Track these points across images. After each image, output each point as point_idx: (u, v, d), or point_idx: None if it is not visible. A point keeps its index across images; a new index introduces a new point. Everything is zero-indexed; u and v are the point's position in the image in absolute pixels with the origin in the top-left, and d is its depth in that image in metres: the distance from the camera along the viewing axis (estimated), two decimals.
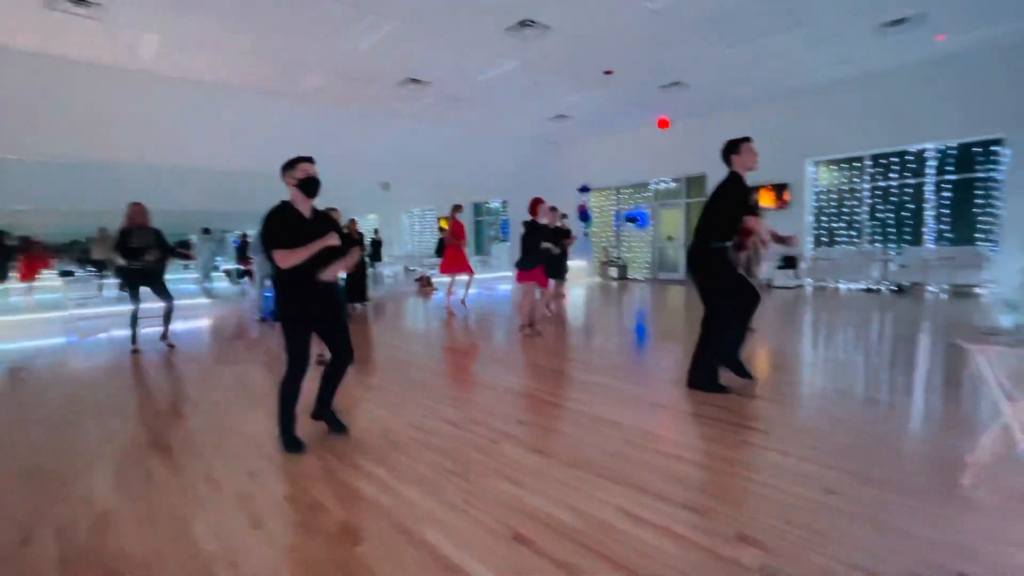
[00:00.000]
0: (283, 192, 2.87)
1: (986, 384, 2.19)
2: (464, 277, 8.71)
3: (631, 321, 7.55)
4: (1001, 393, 2.18)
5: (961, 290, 8.44)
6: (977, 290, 8.30)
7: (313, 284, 2.80)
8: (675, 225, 13.10)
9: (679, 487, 2.33)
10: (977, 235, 8.61)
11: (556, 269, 6.72)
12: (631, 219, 13.95)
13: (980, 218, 8.58)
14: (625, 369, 4.73)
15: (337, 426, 3.11)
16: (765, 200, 10.39)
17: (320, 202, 3.00)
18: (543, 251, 5.99)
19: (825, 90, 9.66)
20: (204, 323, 7.97)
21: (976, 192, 8.62)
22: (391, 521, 2.13)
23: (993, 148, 8.33)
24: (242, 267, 13.69)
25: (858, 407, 3.38)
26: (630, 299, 9.94)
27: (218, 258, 15.03)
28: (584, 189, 14.42)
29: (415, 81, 8.93)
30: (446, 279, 8.92)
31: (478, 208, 18.59)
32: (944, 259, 7.98)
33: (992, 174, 8.40)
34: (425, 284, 12.24)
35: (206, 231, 12.99)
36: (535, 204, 6.15)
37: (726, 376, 3.78)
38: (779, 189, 10.44)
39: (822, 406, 3.46)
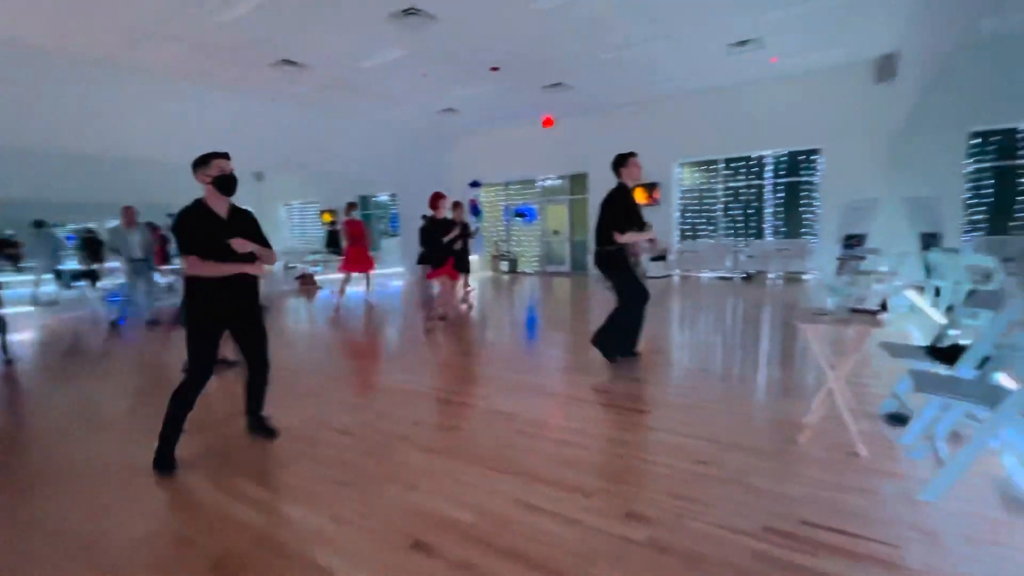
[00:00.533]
0: (140, 179, 2.47)
1: (814, 355, 2.60)
2: (360, 275, 8.50)
3: (524, 314, 7.76)
4: (825, 363, 2.60)
5: (793, 276, 9.98)
6: (804, 276, 9.87)
7: (228, 283, 2.62)
8: (561, 220, 13.71)
9: (571, 471, 2.44)
10: (803, 230, 10.23)
11: (463, 263, 6.80)
12: (520, 214, 14.31)
13: (804, 215, 10.21)
14: (519, 361, 4.84)
15: (267, 433, 2.99)
16: (640, 197, 11.29)
17: (175, 193, 2.65)
18: (448, 245, 6.02)
19: (688, 99, 10.75)
20: (41, 333, 6.64)
21: (801, 193, 10.24)
22: (274, 546, 1.94)
23: (813, 156, 9.95)
24: (82, 268, 11.53)
25: (718, 383, 3.83)
26: (522, 292, 10.21)
27: (63, 257, 12.42)
28: (475, 184, 14.46)
29: (291, 63, 8.22)
30: (340, 277, 8.56)
31: (365, 201, 17.76)
32: (780, 250, 9.39)
33: (813, 178, 10.03)
34: (307, 282, 11.40)
35: (38, 224, 10.73)
36: (436, 199, 6.08)
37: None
38: (650, 188, 11.41)
39: (691, 384, 3.85)
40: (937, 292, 5.73)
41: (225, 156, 2.68)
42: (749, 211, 10.88)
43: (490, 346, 5.54)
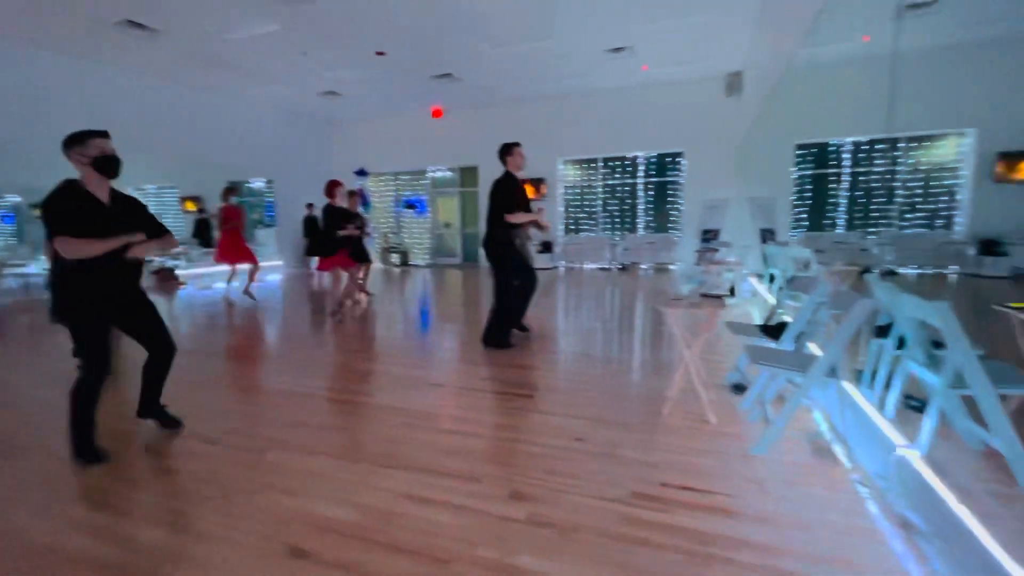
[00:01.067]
0: None
1: (674, 335, 2.92)
2: (246, 266, 7.81)
3: (415, 307, 7.64)
4: (682, 342, 2.93)
5: (661, 266, 11.06)
6: (671, 267, 10.99)
7: (109, 270, 2.39)
8: (451, 212, 13.68)
9: (457, 460, 2.48)
10: (670, 225, 11.37)
11: (361, 253, 6.48)
12: (410, 205, 14.00)
13: (671, 212, 11.35)
14: (408, 353, 4.77)
15: (170, 422, 2.90)
16: (529, 192, 11.69)
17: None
18: (344, 235, 5.76)
19: (570, 99, 11.31)
20: None
21: (668, 192, 11.35)
22: None
23: (678, 159, 11.07)
24: None
25: (596, 364, 4.13)
26: (413, 285, 10.03)
27: None
28: (361, 172, 13.82)
29: (138, 26, 7.12)
30: (212, 270, 7.76)
31: (236, 188, 16.06)
32: (650, 243, 10.36)
33: (678, 178, 11.17)
34: (166, 278, 10.06)
35: None
36: (332, 187, 5.81)
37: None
38: (537, 183, 11.86)
39: (573, 367, 4.11)
40: (772, 279, 6.75)
41: (104, 135, 2.47)
42: (624, 207, 11.80)
43: (379, 341, 5.38)
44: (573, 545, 1.81)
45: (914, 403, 2.78)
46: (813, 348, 3.26)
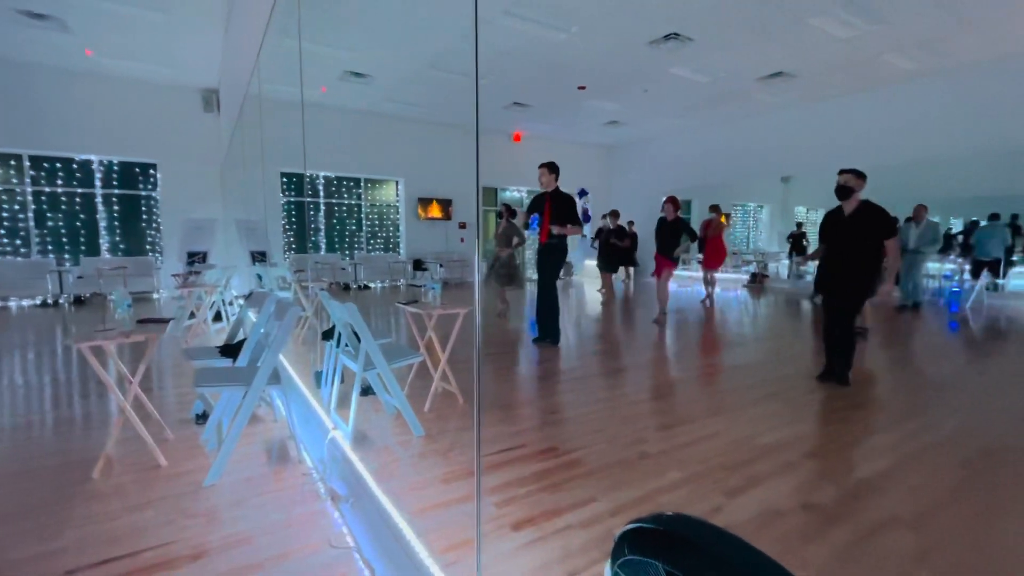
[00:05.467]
0: None
1: (99, 373, 2.35)
2: None
3: None
4: (109, 383, 2.41)
5: (140, 296, 9.16)
6: (154, 295, 9.27)
7: None
8: None
9: None
10: (148, 246, 9.59)
11: None
12: None
13: (148, 231, 9.60)
14: None
15: None
16: None
17: None
18: None
19: None
20: None
21: (143, 207, 9.55)
22: None
23: (150, 171, 9.48)
24: None
25: (6, 436, 2.86)
26: None
27: None
28: None
29: None
30: None
31: None
32: (119, 268, 8.35)
33: (153, 193, 9.57)
34: None
35: None
36: None
37: None
38: None
39: None
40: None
41: None
42: (76, 223, 9.08)
43: None
44: None
45: (366, 390, 3.35)
46: (284, 360, 3.42)
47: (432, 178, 11.57)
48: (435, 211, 11.72)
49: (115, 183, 9.29)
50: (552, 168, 4.88)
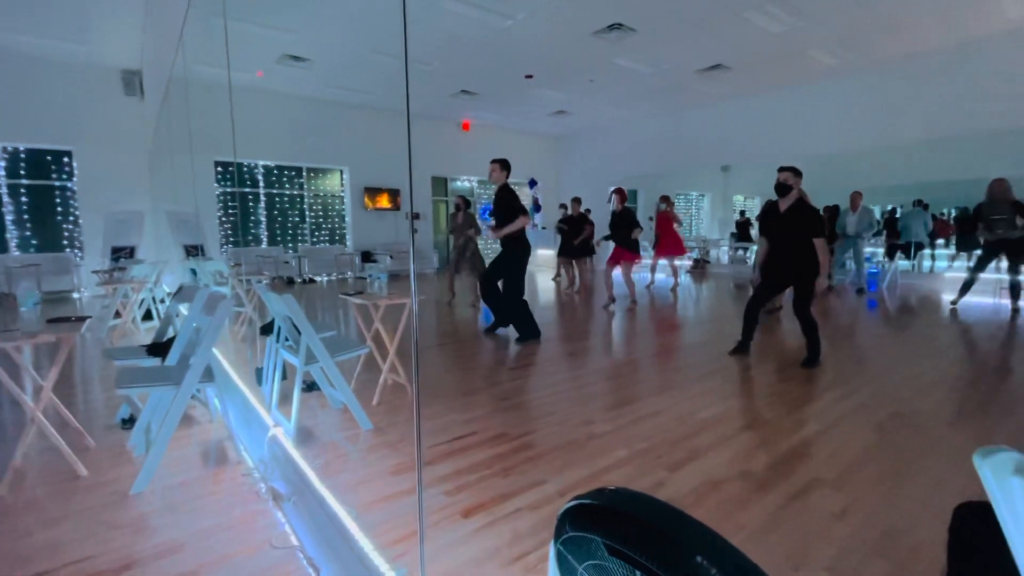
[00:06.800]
0: None
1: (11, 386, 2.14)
2: None
3: None
4: (17, 391, 2.20)
5: (57, 296, 8.41)
6: (75, 294, 8.55)
7: None
8: None
9: None
10: (65, 242, 8.81)
11: None
12: None
13: (64, 225, 8.81)
14: None
15: None
16: None
17: None
18: None
19: None
20: None
21: (57, 199, 8.75)
22: None
23: (64, 159, 8.68)
24: None
25: None
26: None
27: None
28: None
29: None
30: None
31: None
32: (31, 266, 7.62)
33: (68, 183, 8.77)
34: None
35: None
36: None
37: None
38: None
39: None
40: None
41: None
42: None
43: None
44: None
45: (310, 385, 3.23)
46: (219, 355, 3.23)
47: (379, 167, 11.25)
48: (383, 201, 11.42)
49: (23, 173, 8.45)
50: (504, 165, 4.85)
